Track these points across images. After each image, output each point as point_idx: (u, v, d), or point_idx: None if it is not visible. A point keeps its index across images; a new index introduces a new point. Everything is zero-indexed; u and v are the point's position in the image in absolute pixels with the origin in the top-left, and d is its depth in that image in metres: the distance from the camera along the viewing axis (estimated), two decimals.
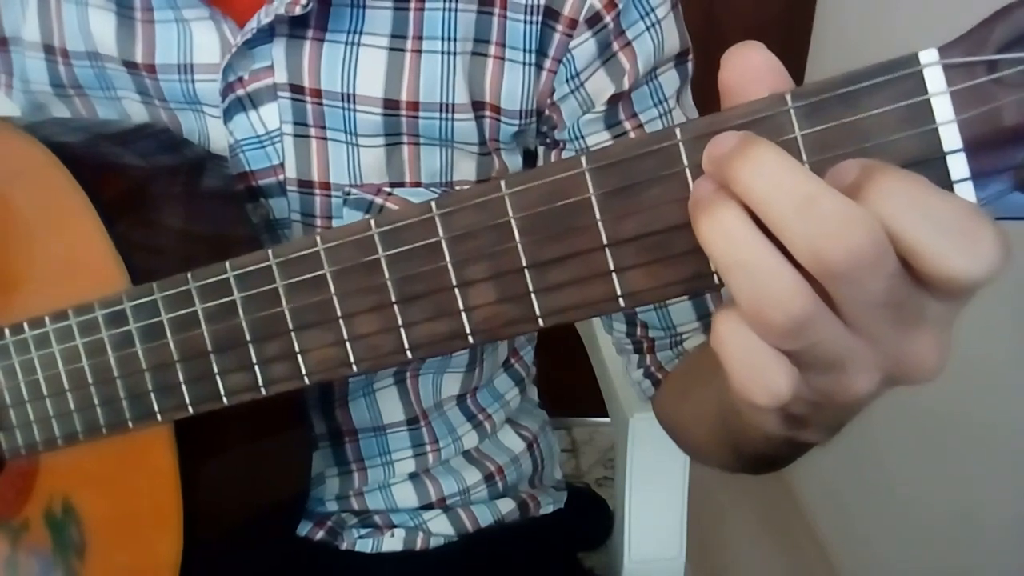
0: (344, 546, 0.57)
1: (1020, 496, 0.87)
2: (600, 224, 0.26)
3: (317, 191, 0.48)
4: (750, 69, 0.24)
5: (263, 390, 0.33)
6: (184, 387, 0.35)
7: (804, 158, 0.23)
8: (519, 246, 0.27)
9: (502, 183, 0.27)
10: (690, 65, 0.50)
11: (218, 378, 0.34)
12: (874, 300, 0.21)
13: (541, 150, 0.51)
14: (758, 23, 1.28)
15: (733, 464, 0.40)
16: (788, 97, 0.23)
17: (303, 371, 0.32)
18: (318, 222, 0.49)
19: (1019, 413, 0.82)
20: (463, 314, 0.29)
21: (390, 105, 0.46)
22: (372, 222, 0.29)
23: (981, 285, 0.21)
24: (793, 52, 1.28)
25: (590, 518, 0.69)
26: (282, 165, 0.48)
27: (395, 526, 0.58)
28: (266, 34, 0.45)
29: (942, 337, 0.23)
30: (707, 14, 1.26)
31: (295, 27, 0.45)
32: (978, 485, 0.93)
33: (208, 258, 0.33)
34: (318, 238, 0.30)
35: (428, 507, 0.59)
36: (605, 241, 0.26)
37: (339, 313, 0.31)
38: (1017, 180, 0.22)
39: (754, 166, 0.22)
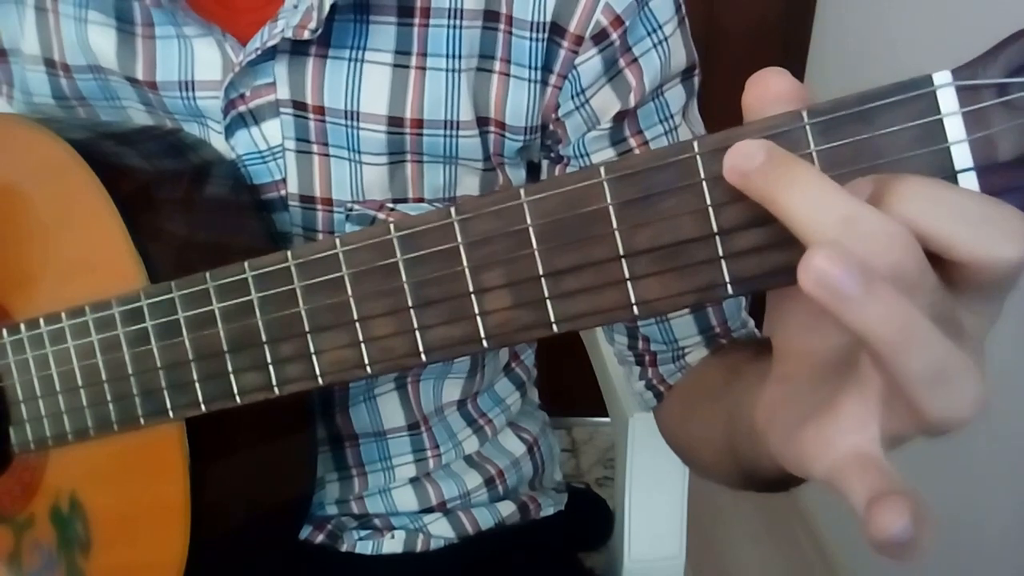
0: (344, 548, 0.58)
1: (1020, 497, 0.88)
2: (616, 233, 0.27)
3: (319, 207, 0.48)
4: (772, 93, 0.24)
5: (276, 390, 0.34)
6: (198, 385, 0.36)
7: None
8: (536, 253, 0.28)
9: (521, 191, 0.28)
10: (696, 80, 0.50)
11: (232, 377, 0.35)
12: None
13: (545, 164, 0.51)
14: (758, 23, 1.29)
15: (740, 484, 0.40)
16: (804, 114, 0.24)
17: (317, 372, 0.33)
18: (320, 237, 0.49)
19: (1019, 414, 0.82)
20: (478, 318, 0.29)
21: (394, 123, 0.46)
22: (391, 226, 0.30)
23: (1015, 272, 0.21)
24: (793, 52, 1.28)
25: (590, 519, 0.69)
26: (284, 180, 0.48)
27: (395, 528, 0.58)
28: (268, 51, 0.45)
29: (979, 358, 0.23)
30: (707, 14, 1.26)
31: (298, 44, 0.45)
32: (978, 486, 0.94)
33: (227, 258, 0.34)
34: (337, 240, 0.31)
35: (428, 510, 0.59)
36: (621, 250, 0.27)
37: (355, 315, 0.31)
38: None
39: (791, 183, 0.22)
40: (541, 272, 0.28)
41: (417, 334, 0.30)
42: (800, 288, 0.21)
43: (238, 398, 0.35)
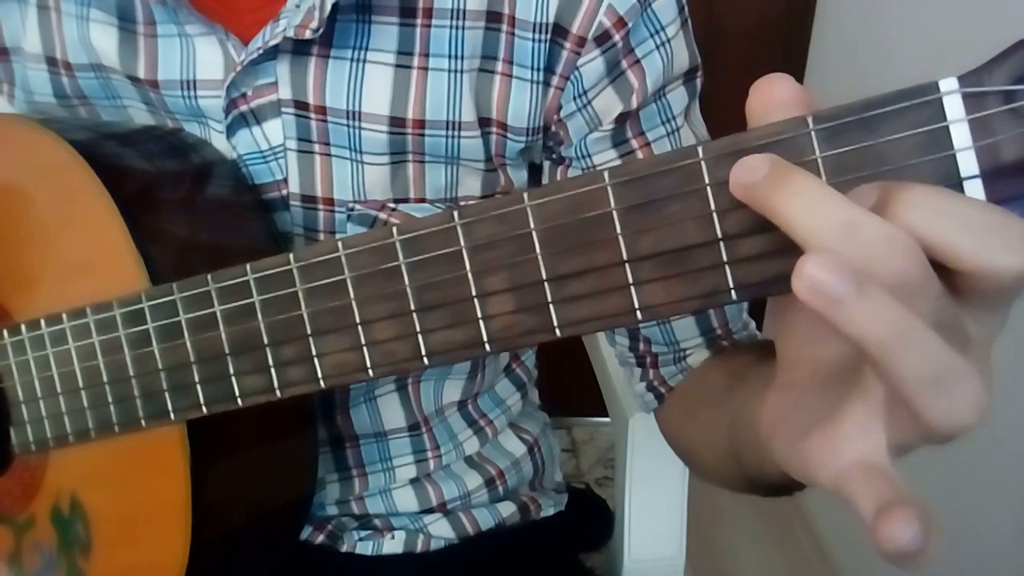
0: (344, 548, 0.58)
1: (1020, 497, 0.88)
2: (620, 238, 0.26)
3: (320, 207, 0.48)
4: (776, 99, 0.24)
5: (278, 393, 0.34)
6: (199, 387, 0.36)
7: (823, 180, 0.24)
8: (539, 257, 0.28)
9: (524, 195, 0.28)
10: (699, 81, 0.50)
11: (233, 379, 0.35)
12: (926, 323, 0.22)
13: (547, 165, 0.51)
14: (758, 23, 1.29)
15: (743, 488, 0.40)
16: (809, 120, 0.24)
17: (319, 375, 0.33)
18: (321, 237, 0.49)
19: (1020, 415, 0.83)
20: (481, 323, 0.29)
21: (396, 123, 0.46)
22: (394, 229, 0.30)
23: (1020, 282, 0.22)
24: (793, 53, 1.28)
25: (590, 519, 0.69)
26: (285, 180, 0.48)
27: (395, 529, 0.58)
28: (270, 51, 0.45)
29: (984, 367, 0.23)
30: (707, 14, 1.26)
31: (300, 44, 0.45)
32: (977, 486, 0.94)
33: (229, 260, 0.34)
34: (339, 243, 0.31)
35: (429, 511, 0.59)
36: (625, 255, 0.27)
37: (357, 318, 0.31)
38: None
39: (793, 194, 0.22)
40: (544, 276, 0.28)
41: (419, 338, 0.30)
42: None
43: (239, 400, 0.35)
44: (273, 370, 0.33)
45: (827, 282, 0.20)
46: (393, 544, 0.58)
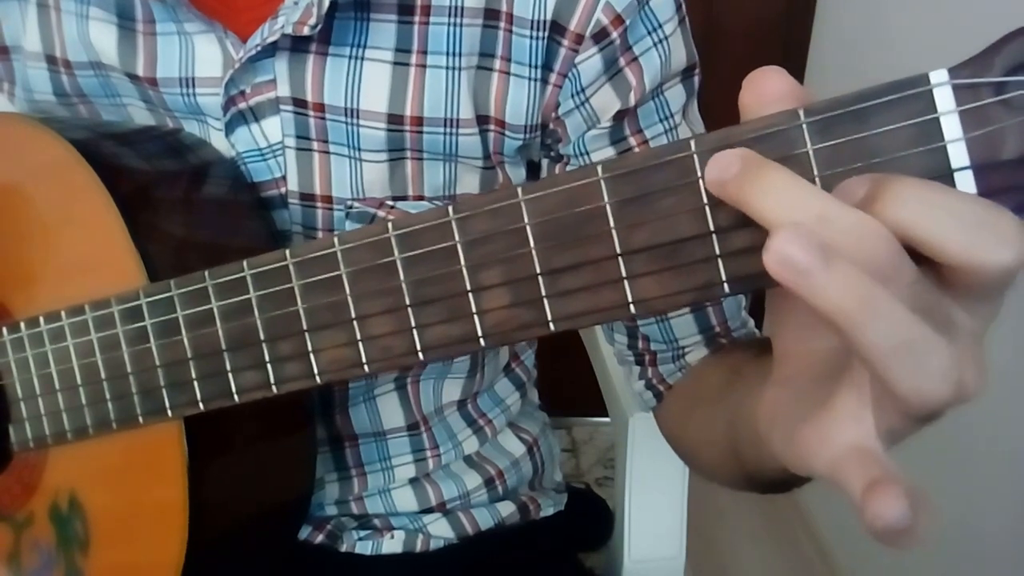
0: (344, 548, 0.58)
1: (1020, 499, 0.88)
2: (614, 232, 0.27)
3: (319, 204, 0.49)
4: (769, 92, 0.24)
5: (274, 388, 0.34)
6: (196, 384, 0.36)
7: (815, 172, 0.24)
8: (533, 252, 0.28)
9: (518, 190, 0.28)
10: (696, 79, 0.50)
11: (230, 375, 0.35)
12: None
13: (545, 163, 0.51)
14: (758, 23, 1.29)
15: (743, 485, 0.40)
16: (801, 113, 0.24)
17: (315, 371, 0.33)
18: (320, 235, 0.49)
19: (1019, 414, 0.82)
20: (476, 317, 0.29)
21: (394, 120, 0.47)
22: (389, 225, 0.30)
23: (1009, 276, 0.22)
24: (793, 52, 1.28)
25: (590, 519, 0.69)
26: (284, 178, 0.48)
27: (395, 529, 0.58)
28: (269, 48, 0.45)
29: (975, 352, 0.23)
30: (707, 14, 1.26)
31: (298, 41, 0.45)
32: (978, 488, 0.94)
33: (228, 258, 0.34)
34: (335, 239, 0.31)
35: (428, 511, 0.59)
36: (618, 249, 0.27)
37: (353, 314, 0.31)
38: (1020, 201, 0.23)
39: (765, 189, 0.23)
40: (538, 271, 0.28)
41: (415, 333, 0.30)
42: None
43: (236, 397, 0.35)
44: (269, 366, 0.34)
45: (794, 254, 0.21)
46: (392, 544, 0.58)
